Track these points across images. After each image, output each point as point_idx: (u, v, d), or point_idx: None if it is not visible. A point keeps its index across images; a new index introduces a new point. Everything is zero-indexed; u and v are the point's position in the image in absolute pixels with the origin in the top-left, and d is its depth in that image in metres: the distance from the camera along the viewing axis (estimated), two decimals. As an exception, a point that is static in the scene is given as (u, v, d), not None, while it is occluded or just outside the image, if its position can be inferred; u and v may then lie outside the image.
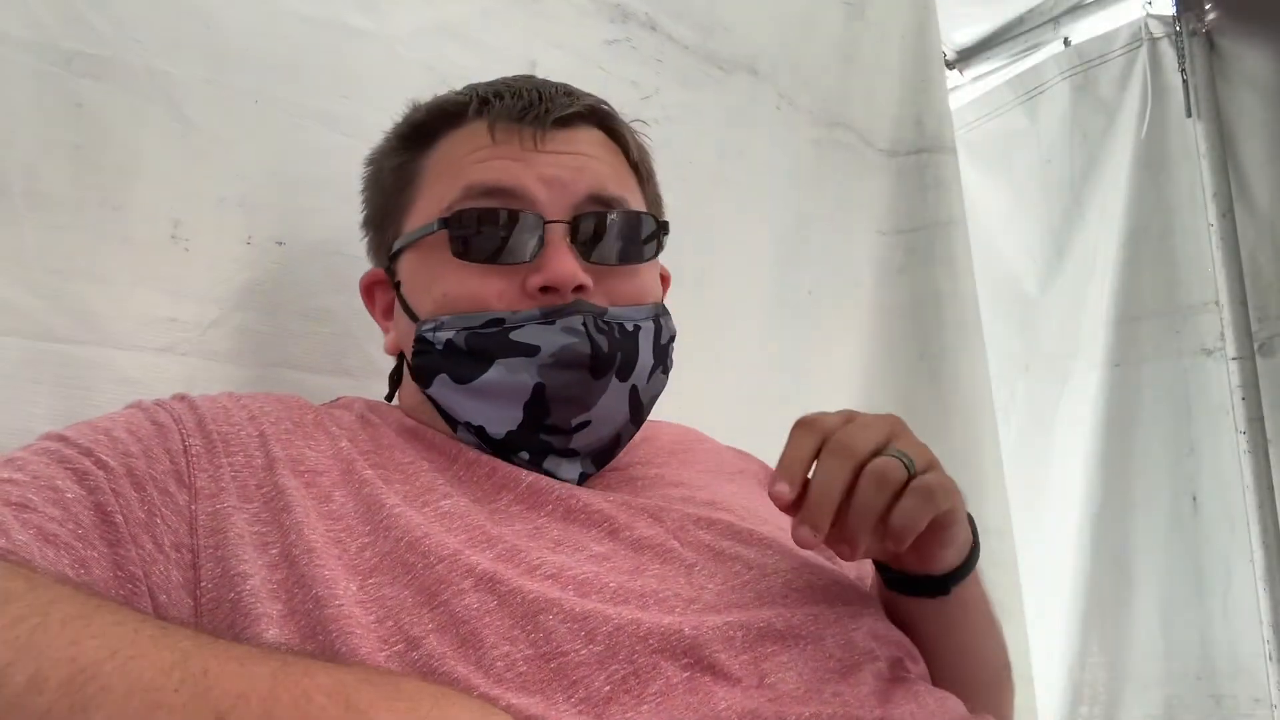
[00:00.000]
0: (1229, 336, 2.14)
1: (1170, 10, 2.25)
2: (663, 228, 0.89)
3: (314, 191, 1.06)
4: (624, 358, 0.81)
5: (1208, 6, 2.22)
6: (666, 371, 0.89)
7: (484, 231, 0.81)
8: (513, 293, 0.81)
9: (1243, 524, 2.09)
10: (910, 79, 1.87)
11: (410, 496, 0.74)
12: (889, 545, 0.70)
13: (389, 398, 0.94)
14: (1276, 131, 2.12)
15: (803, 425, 0.71)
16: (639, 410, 0.86)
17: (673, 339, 0.89)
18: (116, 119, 0.94)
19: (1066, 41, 2.40)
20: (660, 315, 0.88)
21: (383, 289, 0.92)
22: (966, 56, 2.54)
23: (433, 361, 0.82)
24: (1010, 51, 2.48)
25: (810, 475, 0.69)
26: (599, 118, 0.89)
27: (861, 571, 0.91)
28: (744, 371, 1.51)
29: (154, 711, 0.50)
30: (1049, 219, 2.40)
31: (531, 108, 0.84)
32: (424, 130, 0.88)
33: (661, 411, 0.91)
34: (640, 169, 0.93)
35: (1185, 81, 2.19)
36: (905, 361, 1.78)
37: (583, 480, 0.83)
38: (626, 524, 0.77)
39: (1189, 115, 2.19)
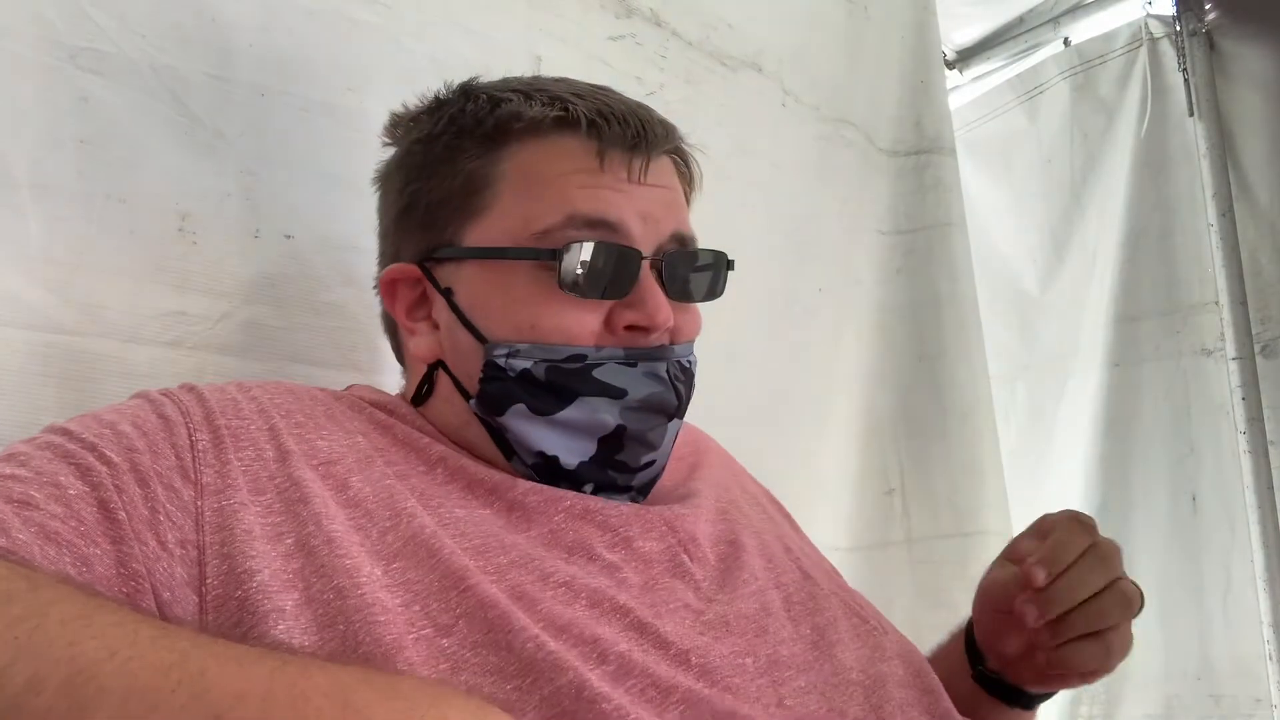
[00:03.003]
0: (1229, 336, 2.13)
1: (1170, 10, 2.25)
2: (730, 265, 0.88)
3: (321, 185, 1.06)
4: (688, 398, 0.83)
5: (1208, 6, 2.22)
6: None
7: (592, 266, 0.77)
8: (601, 328, 0.80)
9: (1243, 524, 2.08)
10: (910, 79, 1.87)
11: (425, 500, 0.74)
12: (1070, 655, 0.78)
13: (414, 400, 0.87)
14: (1276, 131, 2.12)
15: (1078, 525, 0.80)
16: (675, 439, 0.86)
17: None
18: (122, 113, 0.94)
19: (1066, 41, 2.39)
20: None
21: (408, 286, 0.85)
22: (966, 56, 2.54)
23: (507, 390, 0.79)
24: (1010, 51, 2.48)
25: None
26: (678, 148, 0.88)
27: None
28: (754, 369, 1.51)
29: (152, 713, 0.50)
30: (1049, 219, 2.40)
31: (640, 137, 0.81)
32: (496, 130, 0.81)
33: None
34: (692, 195, 0.91)
35: (1186, 81, 2.19)
36: (905, 362, 1.78)
37: None
38: (640, 535, 0.77)
39: (1191, 115, 2.19)
